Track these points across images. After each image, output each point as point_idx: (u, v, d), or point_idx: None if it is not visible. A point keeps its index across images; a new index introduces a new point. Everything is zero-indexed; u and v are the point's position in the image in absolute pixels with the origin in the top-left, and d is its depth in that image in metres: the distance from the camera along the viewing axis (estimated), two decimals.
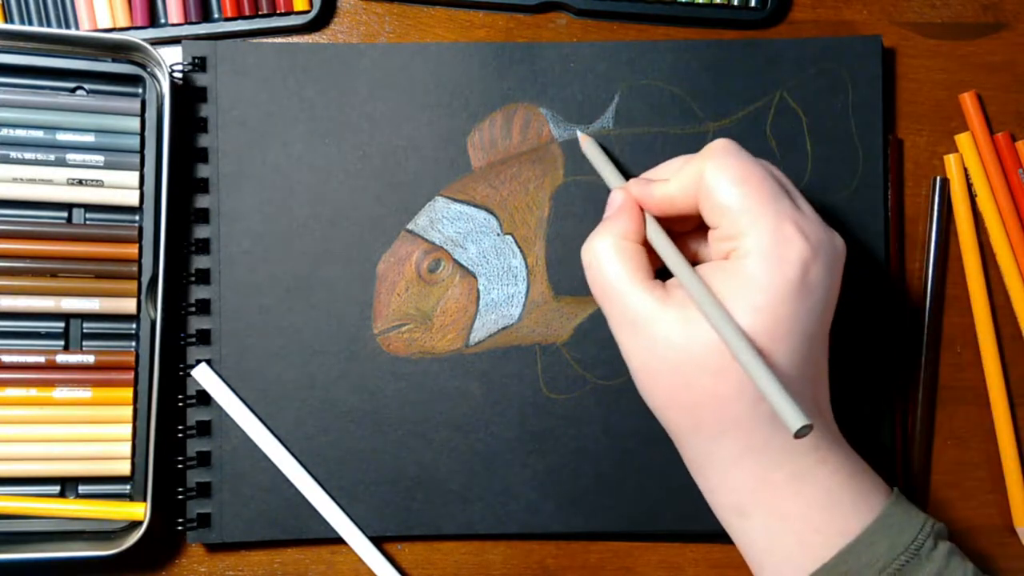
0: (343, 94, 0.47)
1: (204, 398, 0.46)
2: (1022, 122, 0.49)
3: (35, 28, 0.46)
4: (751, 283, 0.36)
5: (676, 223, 0.41)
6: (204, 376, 0.46)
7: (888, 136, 0.48)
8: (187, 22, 0.47)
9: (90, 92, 0.46)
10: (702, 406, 0.37)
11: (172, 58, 0.47)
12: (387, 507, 0.46)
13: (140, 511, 0.44)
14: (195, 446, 0.46)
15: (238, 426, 0.46)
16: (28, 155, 0.45)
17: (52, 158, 0.45)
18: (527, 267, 0.47)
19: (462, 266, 0.47)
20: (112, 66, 0.45)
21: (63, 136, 0.45)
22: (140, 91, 0.46)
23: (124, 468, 0.45)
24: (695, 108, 0.47)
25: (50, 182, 0.45)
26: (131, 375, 0.45)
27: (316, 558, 0.47)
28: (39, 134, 0.45)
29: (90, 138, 0.45)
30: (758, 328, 0.36)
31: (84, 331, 0.46)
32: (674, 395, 0.38)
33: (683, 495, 0.46)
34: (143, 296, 0.45)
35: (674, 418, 0.39)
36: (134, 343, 0.46)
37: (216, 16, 0.48)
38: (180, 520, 0.46)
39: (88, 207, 0.46)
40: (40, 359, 0.45)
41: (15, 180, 0.45)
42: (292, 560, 0.47)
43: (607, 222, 0.40)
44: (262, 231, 0.46)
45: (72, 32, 0.46)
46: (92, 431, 0.45)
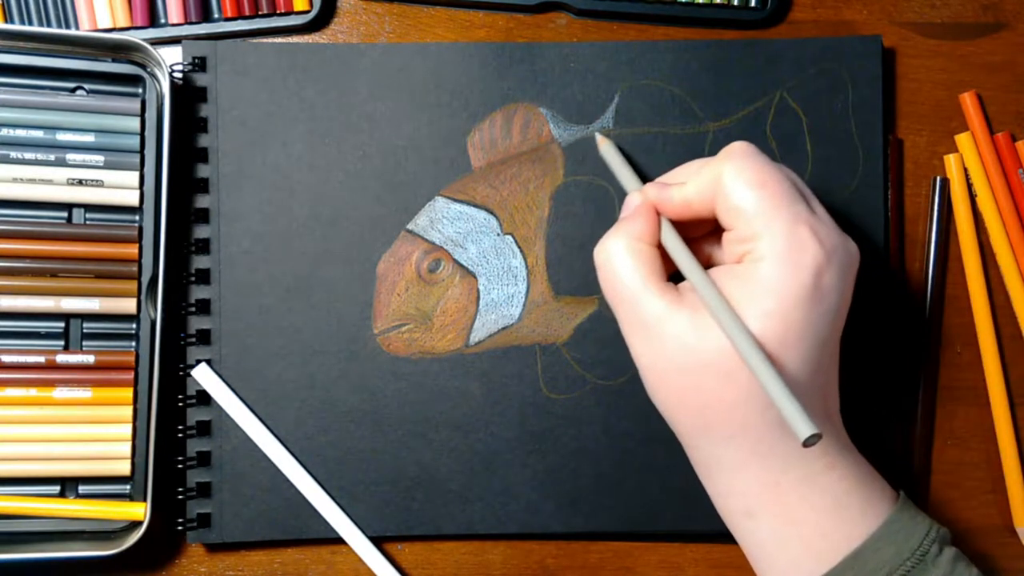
0: (343, 94, 0.47)
1: (204, 398, 0.46)
2: (1022, 122, 0.49)
3: (35, 28, 0.46)
4: (764, 287, 0.36)
5: (690, 228, 0.41)
6: (204, 376, 0.46)
7: (888, 136, 0.48)
8: (187, 22, 0.47)
9: (90, 92, 0.46)
10: (711, 409, 0.37)
11: (172, 58, 0.47)
12: (387, 507, 0.46)
13: (140, 511, 0.44)
14: (195, 446, 0.46)
15: (238, 426, 0.46)
16: (28, 155, 0.45)
17: (52, 158, 0.45)
18: (527, 267, 0.47)
19: (462, 266, 0.47)
20: (112, 66, 0.45)
21: (63, 136, 0.45)
22: (140, 91, 0.46)
23: (124, 468, 0.45)
24: (695, 108, 0.47)
25: (50, 182, 0.45)
26: (131, 375, 0.45)
27: (316, 558, 0.47)
28: (39, 134, 0.45)
29: (90, 138, 0.45)
30: (769, 333, 0.36)
31: (84, 331, 0.46)
32: (683, 398, 0.38)
33: (683, 495, 0.46)
34: (143, 296, 0.45)
35: (683, 421, 0.39)
36: (134, 343, 0.46)
37: (216, 16, 0.48)
38: (180, 520, 0.46)
39: (88, 207, 0.46)
40: (40, 359, 0.45)
41: (15, 180, 0.45)
42: (292, 560, 0.47)
43: (622, 223, 0.40)
44: (262, 231, 0.46)
45: (72, 32, 0.46)
46: (92, 431, 0.45)
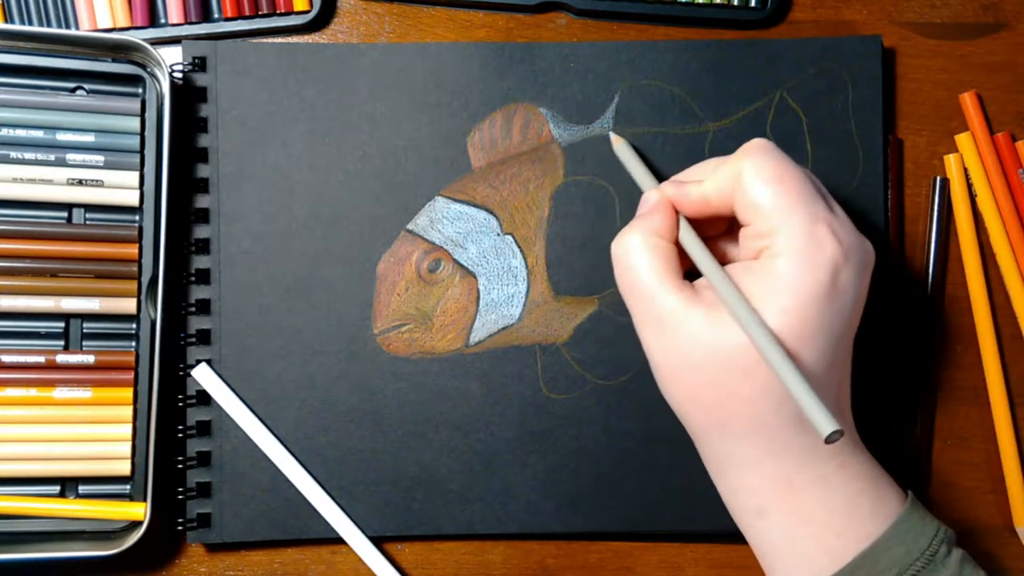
0: (343, 94, 0.47)
1: (204, 398, 0.46)
2: (1022, 122, 0.49)
3: (35, 28, 0.46)
4: (781, 284, 0.36)
5: (706, 227, 0.41)
6: (204, 376, 0.46)
7: (888, 136, 0.48)
8: (187, 22, 0.47)
9: (90, 92, 0.46)
10: (726, 406, 0.37)
11: (172, 58, 0.47)
12: (387, 507, 0.46)
13: (140, 511, 0.44)
14: (195, 446, 0.46)
15: (238, 426, 0.46)
16: (28, 155, 0.45)
17: (52, 158, 0.45)
18: (527, 267, 0.47)
19: (462, 266, 0.47)
20: (112, 66, 0.45)
21: (63, 136, 0.45)
22: (140, 91, 0.46)
23: (124, 468, 0.45)
24: (695, 108, 0.47)
25: (50, 182, 0.45)
26: (131, 375, 0.45)
27: (316, 558, 0.47)
28: (39, 134, 0.45)
29: (90, 138, 0.45)
30: (786, 329, 0.36)
31: (84, 331, 0.46)
32: (698, 394, 0.38)
33: (683, 495, 0.46)
34: (143, 296, 0.45)
35: (696, 417, 0.39)
36: (134, 343, 0.46)
37: (216, 16, 0.48)
38: (180, 520, 0.46)
39: (88, 207, 0.46)
40: (40, 359, 0.45)
41: (15, 180, 0.45)
42: (292, 560, 0.47)
43: (640, 219, 0.40)
44: (262, 231, 0.46)
45: (72, 32, 0.46)
46: (92, 431, 0.45)
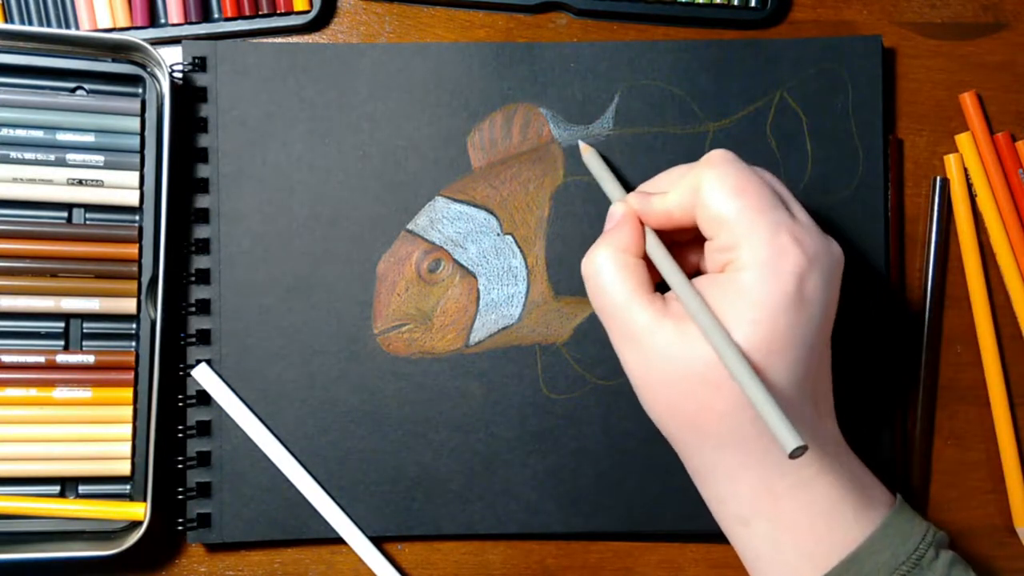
0: (343, 94, 0.47)
1: (204, 398, 0.46)
2: (1022, 122, 0.49)
3: (35, 28, 0.46)
4: (747, 296, 0.36)
5: (676, 233, 0.41)
6: (204, 376, 0.46)
7: (888, 136, 0.48)
8: (187, 22, 0.47)
9: (90, 92, 0.46)
10: (702, 419, 0.37)
11: (172, 58, 0.47)
12: (387, 507, 0.46)
13: (140, 511, 0.44)
14: (195, 446, 0.46)
15: (238, 426, 0.46)
16: (28, 155, 0.45)
17: (52, 158, 0.45)
18: (527, 267, 0.47)
19: (462, 266, 0.47)
20: (112, 66, 0.45)
21: (63, 136, 0.45)
22: (140, 91, 0.46)
23: (124, 468, 0.45)
24: (695, 108, 0.47)
25: (50, 182, 0.45)
26: (131, 375, 0.45)
27: (316, 558, 0.47)
28: (39, 134, 0.45)
29: (90, 138, 0.45)
30: (754, 342, 0.36)
31: (84, 331, 0.46)
32: (674, 408, 0.38)
33: (683, 495, 0.46)
34: (143, 296, 0.45)
35: (675, 430, 0.39)
36: (134, 343, 0.46)
37: (216, 16, 0.48)
38: (180, 520, 0.46)
39: (88, 207, 0.46)
40: (40, 359, 0.45)
41: (15, 180, 0.45)
42: (292, 560, 0.47)
43: (607, 235, 0.40)
44: (262, 231, 0.46)
45: (72, 32, 0.46)
46: (92, 431, 0.45)
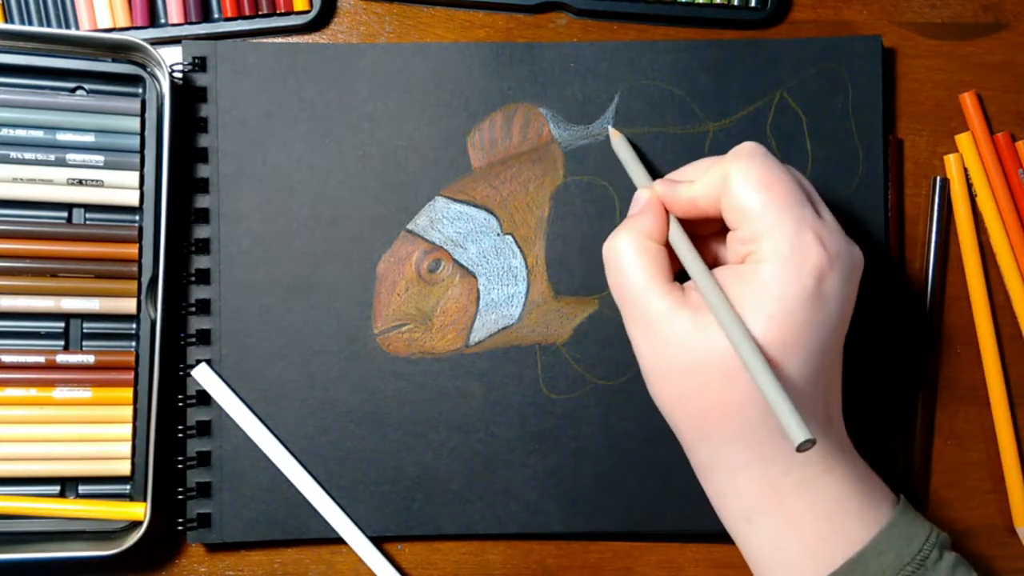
0: (343, 94, 0.47)
1: (204, 398, 0.46)
2: (1022, 122, 0.49)
3: (35, 28, 0.46)
4: (766, 290, 0.36)
5: (699, 225, 0.41)
6: (204, 376, 0.46)
7: (888, 136, 0.48)
8: (187, 22, 0.47)
9: (90, 92, 0.46)
10: (712, 411, 0.37)
11: (172, 58, 0.47)
12: (387, 507, 0.46)
13: (140, 511, 0.44)
14: (195, 446, 0.46)
15: (238, 426, 0.46)
16: (28, 155, 0.45)
17: (52, 158, 0.45)
18: (527, 267, 0.47)
19: (462, 266, 0.47)
20: (112, 66, 0.45)
21: (63, 136, 0.45)
22: (140, 91, 0.46)
23: (124, 468, 0.45)
24: (695, 108, 0.47)
25: (50, 182, 0.45)
26: (131, 375, 0.45)
27: (316, 558, 0.47)
28: (39, 134, 0.45)
29: (90, 138, 0.45)
30: (771, 336, 0.36)
31: (84, 331, 0.46)
32: (684, 399, 0.38)
33: (683, 495, 0.46)
34: (143, 296, 0.45)
35: (683, 421, 0.39)
36: (134, 343, 0.46)
37: (216, 16, 0.48)
38: (180, 520, 0.46)
39: (88, 207, 0.46)
40: (40, 359, 0.45)
41: (15, 180, 0.45)
42: (292, 560, 0.47)
43: (631, 220, 0.40)
44: (262, 231, 0.46)
45: (72, 32, 0.46)
46: (92, 431, 0.45)
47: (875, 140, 0.47)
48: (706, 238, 0.42)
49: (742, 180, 0.37)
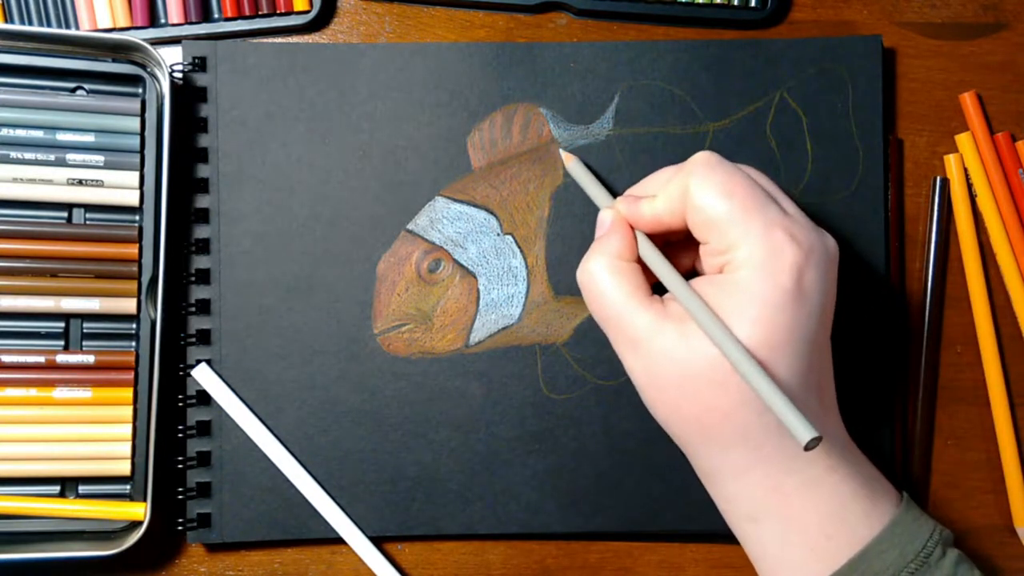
0: (343, 94, 0.47)
1: (204, 398, 0.46)
2: (1022, 122, 0.49)
3: (35, 28, 0.46)
4: (746, 295, 0.36)
5: (670, 234, 0.41)
6: (204, 376, 0.46)
7: (888, 136, 0.48)
8: (187, 22, 0.47)
9: (90, 92, 0.46)
10: (708, 418, 0.37)
11: (172, 58, 0.47)
12: (387, 507, 0.46)
13: (140, 511, 0.44)
14: (195, 446, 0.46)
15: (238, 426, 0.46)
16: (28, 155, 0.45)
17: (52, 158, 0.45)
18: (527, 267, 0.47)
19: (462, 266, 0.47)
20: (112, 66, 0.45)
21: (63, 136, 0.45)
22: (140, 91, 0.46)
23: (124, 468, 0.45)
24: (695, 108, 0.47)
25: (50, 182, 0.45)
26: (131, 375, 0.45)
27: (316, 558, 0.47)
28: (39, 134, 0.45)
29: (90, 138, 0.45)
30: (757, 339, 0.36)
31: (84, 331, 0.46)
32: (680, 409, 0.38)
33: (683, 495, 0.46)
34: (143, 296, 0.45)
35: (682, 431, 0.39)
36: (134, 343, 0.46)
37: (216, 16, 0.48)
38: (180, 520, 0.46)
39: (88, 207, 0.46)
40: (40, 359, 0.45)
41: (15, 180, 0.45)
42: (292, 560, 0.47)
43: (599, 243, 0.40)
44: (262, 231, 0.46)
45: (72, 32, 0.46)
46: (92, 431, 0.45)
47: (875, 140, 0.47)
48: (679, 245, 0.42)
49: (703, 192, 0.37)
